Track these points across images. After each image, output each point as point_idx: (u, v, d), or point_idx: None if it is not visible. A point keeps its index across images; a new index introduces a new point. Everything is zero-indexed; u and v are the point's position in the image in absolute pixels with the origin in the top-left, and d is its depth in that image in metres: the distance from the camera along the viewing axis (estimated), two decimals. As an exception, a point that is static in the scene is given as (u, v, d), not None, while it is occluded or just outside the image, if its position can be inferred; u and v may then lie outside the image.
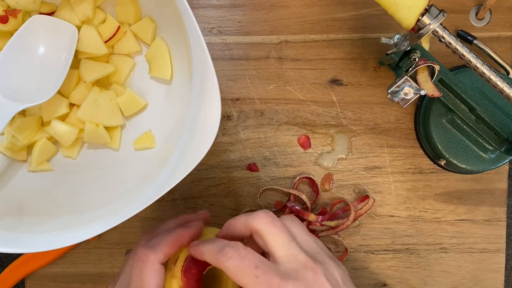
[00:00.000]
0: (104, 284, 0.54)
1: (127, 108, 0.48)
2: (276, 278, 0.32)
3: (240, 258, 0.33)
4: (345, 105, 0.53)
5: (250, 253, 0.34)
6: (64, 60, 0.45)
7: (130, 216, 0.38)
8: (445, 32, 0.40)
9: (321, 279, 0.33)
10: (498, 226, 0.53)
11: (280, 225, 0.36)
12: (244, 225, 0.36)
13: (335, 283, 0.34)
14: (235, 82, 0.53)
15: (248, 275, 0.33)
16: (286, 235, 0.35)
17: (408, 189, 0.53)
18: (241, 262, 0.33)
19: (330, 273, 0.35)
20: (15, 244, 0.39)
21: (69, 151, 0.48)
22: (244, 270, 0.33)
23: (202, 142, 0.37)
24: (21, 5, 0.45)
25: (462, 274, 0.53)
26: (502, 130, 0.47)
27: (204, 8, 0.53)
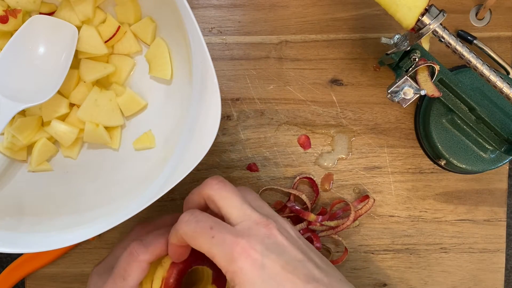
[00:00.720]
0: (104, 284, 0.54)
1: (127, 108, 0.48)
2: (230, 235, 0.33)
3: (196, 221, 0.34)
4: (345, 105, 0.53)
5: (206, 216, 0.35)
6: (64, 60, 0.45)
7: (130, 216, 0.38)
8: (445, 32, 0.40)
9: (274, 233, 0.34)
10: (498, 226, 0.53)
11: (230, 188, 0.36)
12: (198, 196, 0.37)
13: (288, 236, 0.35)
14: (235, 82, 0.53)
15: (204, 236, 0.33)
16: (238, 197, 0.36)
17: (408, 189, 0.53)
18: (197, 225, 0.34)
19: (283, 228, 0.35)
20: (15, 244, 0.39)
21: (69, 151, 0.48)
22: (200, 232, 0.33)
23: (202, 142, 0.37)
24: (21, 5, 0.45)
25: (462, 274, 0.53)
26: (502, 130, 0.47)
27: (204, 8, 0.53)
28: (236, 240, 0.32)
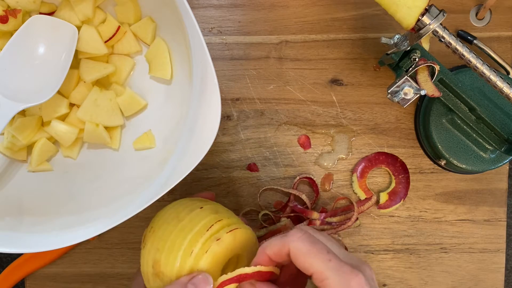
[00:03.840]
0: (104, 284, 0.54)
1: (127, 108, 0.48)
2: (348, 266, 0.34)
3: (312, 242, 0.34)
4: (345, 105, 0.53)
5: (319, 239, 0.35)
6: (64, 60, 0.45)
7: (130, 216, 0.38)
8: (445, 32, 0.40)
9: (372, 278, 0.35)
10: (498, 226, 0.53)
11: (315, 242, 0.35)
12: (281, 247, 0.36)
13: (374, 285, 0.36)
14: (235, 82, 0.53)
15: (320, 257, 0.34)
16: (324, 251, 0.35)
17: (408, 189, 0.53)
18: (313, 245, 0.34)
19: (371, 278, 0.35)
20: (15, 244, 0.39)
21: (69, 151, 0.48)
22: (317, 252, 0.34)
23: (202, 142, 0.37)
24: (21, 5, 0.45)
25: (462, 274, 0.53)
26: (502, 130, 0.47)
27: (204, 8, 0.53)
28: (353, 272, 0.33)
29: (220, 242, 0.37)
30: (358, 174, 0.52)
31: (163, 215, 0.40)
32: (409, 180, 0.53)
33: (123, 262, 0.54)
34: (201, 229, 0.37)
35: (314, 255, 0.34)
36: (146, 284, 0.39)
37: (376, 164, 0.53)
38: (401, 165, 0.52)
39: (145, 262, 0.38)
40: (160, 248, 0.37)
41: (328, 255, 0.34)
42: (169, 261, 0.37)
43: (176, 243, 0.37)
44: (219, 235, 0.37)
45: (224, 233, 0.37)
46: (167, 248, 0.37)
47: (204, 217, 0.38)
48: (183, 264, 0.36)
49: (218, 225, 0.38)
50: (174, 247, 0.37)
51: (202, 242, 0.37)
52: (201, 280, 0.35)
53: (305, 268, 0.34)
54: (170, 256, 0.37)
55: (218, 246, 0.37)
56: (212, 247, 0.36)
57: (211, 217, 0.38)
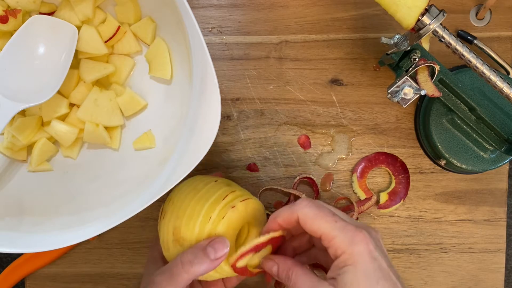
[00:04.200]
0: (104, 284, 0.54)
1: (127, 108, 0.48)
2: (351, 225, 0.37)
3: (317, 206, 0.38)
4: (345, 105, 0.53)
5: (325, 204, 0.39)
6: (64, 60, 0.45)
7: (130, 216, 0.38)
8: (445, 32, 0.40)
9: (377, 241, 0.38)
10: (498, 226, 0.53)
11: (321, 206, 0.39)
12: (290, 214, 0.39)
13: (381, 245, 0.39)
14: (235, 82, 0.53)
15: (327, 219, 0.37)
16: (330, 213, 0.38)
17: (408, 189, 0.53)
18: (319, 209, 0.38)
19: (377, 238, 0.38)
20: (15, 244, 0.39)
21: (69, 151, 0.48)
22: (323, 215, 0.37)
23: (202, 142, 0.37)
24: (21, 5, 0.45)
25: (462, 274, 0.53)
26: (502, 130, 0.47)
27: (204, 8, 0.53)
28: (357, 229, 0.36)
29: (235, 209, 0.40)
30: (358, 174, 0.52)
31: (180, 189, 0.43)
32: (409, 180, 0.53)
33: (123, 262, 0.54)
34: (217, 199, 0.41)
35: (321, 217, 0.37)
36: (166, 252, 0.42)
37: (376, 164, 0.53)
38: (401, 165, 0.52)
39: (165, 231, 0.41)
40: (180, 216, 0.40)
41: (333, 217, 0.37)
42: (189, 227, 0.40)
43: (195, 211, 0.40)
44: (233, 203, 0.40)
45: (238, 202, 0.41)
46: (187, 215, 0.40)
47: (219, 188, 0.42)
48: (202, 229, 0.40)
49: (232, 195, 0.41)
50: (193, 214, 0.40)
51: (219, 209, 0.40)
52: (219, 243, 0.39)
53: (313, 231, 0.37)
54: (189, 223, 0.40)
55: (233, 213, 0.40)
56: (228, 214, 0.40)
57: (225, 189, 0.42)
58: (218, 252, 0.38)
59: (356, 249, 0.36)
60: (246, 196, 0.42)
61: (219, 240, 0.39)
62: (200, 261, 0.38)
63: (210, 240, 0.39)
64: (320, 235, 0.37)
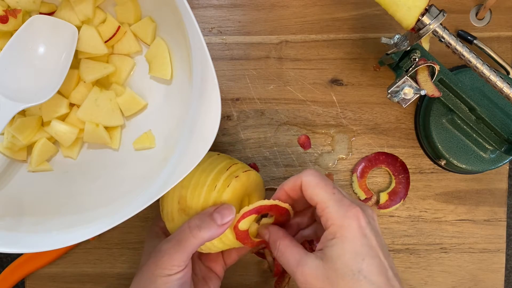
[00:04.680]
0: (104, 284, 0.54)
1: (127, 108, 0.48)
2: (347, 200, 0.38)
3: (321, 177, 0.39)
4: (345, 105, 0.53)
5: (328, 178, 0.40)
6: (64, 60, 0.45)
7: (130, 216, 0.38)
8: (445, 32, 0.40)
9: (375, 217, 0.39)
10: (498, 226, 0.53)
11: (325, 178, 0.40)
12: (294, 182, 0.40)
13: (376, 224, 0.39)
14: (235, 82, 0.53)
15: (326, 189, 0.38)
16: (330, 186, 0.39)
17: (408, 189, 0.53)
18: (322, 179, 0.39)
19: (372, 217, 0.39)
20: (15, 244, 0.39)
21: (69, 151, 0.48)
22: (324, 185, 0.38)
23: (202, 142, 0.37)
24: (21, 5, 0.45)
25: (462, 274, 0.53)
26: (502, 130, 0.47)
27: (204, 8, 0.53)
28: (352, 204, 0.37)
29: (238, 179, 0.42)
30: (358, 174, 0.52)
31: None
32: (409, 180, 0.53)
33: (123, 262, 0.54)
34: (221, 169, 0.42)
35: (321, 187, 0.38)
36: (170, 223, 0.43)
37: (376, 164, 0.53)
38: (401, 165, 0.52)
39: (169, 201, 0.43)
40: (185, 186, 0.42)
41: (333, 189, 0.38)
42: (194, 196, 0.41)
43: (200, 180, 0.41)
44: (236, 173, 0.42)
45: (241, 172, 0.42)
46: (192, 185, 0.41)
47: (222, 160, 0.43)
48: (207, 197, 0.41)
49: (235, 167, 0.43)
50: (198, 183, 0.41)
51: (223, 178, 0.41)
52: (226, 209, 0.40)
53: (311, 198, 0.39)
54: (195, 191, 0.41)
55: (237, 182, 0.42)
56: (232, 182, 0.41)
57: (228, 161, 0.44)
58: (224, 218, 0.39)
59: (347, 222, 0.36)
60: (247, 168, 0.44)
61: (225, 206, 0.40)
62: (208, 226, 0.39)
63: (216, 207, 0.40)
64: (316, 203, 0.38)
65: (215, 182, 0.41)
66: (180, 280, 0.39)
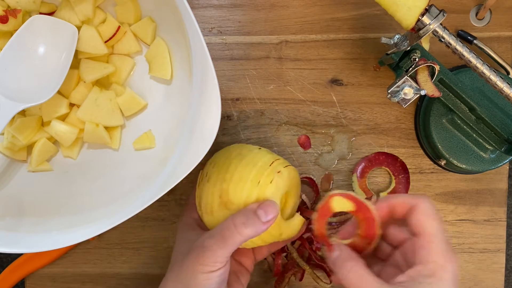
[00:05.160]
0: (104, 284, 0.54)
1: (127, 108, 0.48)
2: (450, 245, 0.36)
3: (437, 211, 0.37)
4: (345, 105, 0.53)
5: None
6: (64, 60, 0.45)
7: (130, 216, 0.38)
8: (445, 32, 0.40)
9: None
10: (498, 226, 0.53)
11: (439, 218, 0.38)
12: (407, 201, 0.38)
13: None
14: (235, 82, 0.53)
15: (441, 225, 0.36)
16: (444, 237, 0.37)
17: (408, 189, 0.53)
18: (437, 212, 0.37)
19: None
20: (15, 244, 0.39)
21: (69, 151, 0.48)
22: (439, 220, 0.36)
23: (202, 142, 0.37)
24: (21, 5, 0.45)
25: (462, 274, 0.53)
26: (502, 130, 0.47)
27: (204, 8, 0.53)
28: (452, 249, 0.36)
29: (281, 174, 0.41)
30: (358, 174, 0.52)
31: (222, 155, 0.44)
32: (409, 180, 0.53)
33: (123, 262, 0.54)
34: (264, 164, 0.42)
35: (436, 220, 0.36)
36: (208, 216, 0.42)
37: (376, 164, 0.52)
38: (401, 165, 0.52)
39: (209, 194, 0.42)
40: (228, 179, 0.41)
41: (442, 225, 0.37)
42: (237, 190, 0.41)
43: (243, 174, 0.41)
44: (278, 168, 0.42)
45: (282, 167, 0.42)
46: (235, 179, 0.41)
47: (264, 155, 0.43)
48: (250, 193, 0.40)
49: (277, 162, 0.42)
50: (241, 177, 0.41)
51: (266, 174, 0.41)
52: (269, 206, 0.39)
53: (420, 226, 0.36)
54: (238, 186, 0.41)
55: (280, 178, 0.41)
56: (275, 178, 0.41)
57: (270, 156, 0.43)
58: (268, 215, 0.39)
59: (450, 266, 0.35)
60: (287, 163, 0.43)
61: (269, 203, 0.39)
62: (253, 223, 0.38)
63: (260, 203, 0.39)
64: (423, 234, 0.36)
65: (258, 177, 0.41)
66: (221, 276, 0.39)
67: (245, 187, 0.41)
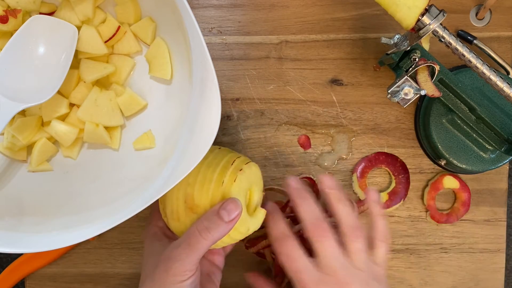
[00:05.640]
0: (104, 284, 0.54)
1: (127, 108, 0.48)
2: None
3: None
4: (345, 105, 0.53)
5: None
6: (64, 60, 0.45)
7: (130, 216, 0.38)
8: (445, 32, 0.40)
9: None
10: (498, 226, 0.53)
11: None
12: None
13: None
14: (235, 82, 0.53)
15: None
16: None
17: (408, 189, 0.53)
18: None
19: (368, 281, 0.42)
20: (15, 244, 0.39)
21: (69, 151, 0.48)
22: None
23: (202, 142, 0.37)
24: (21, 5, 0.45)
25: (462, 274, 0.53)
26: (502, 130, 0.47)
27: (204, 8, 0.53)
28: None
29: (243, 172, 0.41)
30: (358, 174, 0.52)
31: None
32: (409, 180, 0.53)
33: (123, 262, 0.54)
34: (226, 164, 0.42)
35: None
36: (175, 222, 0.42)
37: (376, 164, 0.53)
38: (401, 165, 0.52)
39: (174, 199, 0.41)
40: (191, 183, 0.41)
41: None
42: (202, 193, 0.40)
43: (206, 176, 0.41)
44: (240, 166, 0.42)
45: (243, 164, 0.42)
46: (199, 182, 0.41)
47: (225, 154, 0.43)
48: (215, 194, 0.40)
49: (239, 160, 0.42)
50: (205, 180, 0.41)
51: (229, 173, 0.41)
52: (231, 203, 0.39)
53: None
54: (202, 188, 0.40)
55: (242, 176, 0.41)
56: (238, 176, 0.41)
57: (231, 154, 0.43)
58: (231, 214, 0.39)
59: None
60: (248, 160, 0.44)
61: (230, 201, 0.39)
62: (216, 226, 0.38)
63: (222, 203, 0.39)
64: None
65: (221, 177, 0.40)
66: (193, 283, 0.39)
67: (209, 189, 0.40)
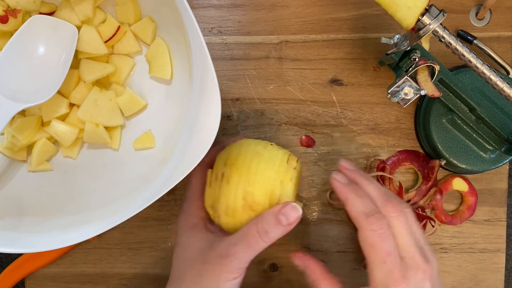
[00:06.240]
0: (104, 284, 0.54)
1: (127, 108, 0.48)
2: (399, 270, 0.38)
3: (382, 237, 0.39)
4: (345, 105, 0.53)
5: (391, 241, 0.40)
6: (64, 60, 0.45)
7: (130, 216, 0.38)
8: (445, 32, 0.40)
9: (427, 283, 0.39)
10: (498, 226, 0.53)
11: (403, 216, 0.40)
12: None
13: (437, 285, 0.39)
14: (235, 82, 0.53)
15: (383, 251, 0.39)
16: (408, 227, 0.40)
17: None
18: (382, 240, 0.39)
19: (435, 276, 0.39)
20: (15, 244, 0.39)
21: (69, 151, 0.48)
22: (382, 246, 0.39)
23: (202, 142, 0.37)
24: (21, 5, 0.45)
25: (462, 274, 0.53)
26: (502, 130, 0.47)
27: (204, 8, 0.53)
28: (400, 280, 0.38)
29: (295, 170, 0.42)
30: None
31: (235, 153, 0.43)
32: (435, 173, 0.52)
33: (123, 262, 0.54)
34: (282, 162, 0.42)
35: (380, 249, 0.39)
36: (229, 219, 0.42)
37: (399, 164, 0.52)
38: (423, 159, 0.52)
39: (231, 196, 0.41)
40: (251, 181, 0.41)
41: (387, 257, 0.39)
42: (261, 192, 0.41)
43: (265, 175, 0.41)
44: (294, 164, 0.42)
45: (295, 162, 0.43)
46: (258, 180, 0.41)
47: (278, 151, 0.43)
48: (274, 192, 0.41)
49: (291, 158, 0.43)
50: (264, 178, 0.41)
51: (286, 171, 0.42)
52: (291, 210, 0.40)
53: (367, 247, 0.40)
54: (261, 187, 0.41)
55: (295, 173, 0.42)
56: (294, 174, 0.42)
57: (283, 151, 0.43)
58: (290, 219, 0.39)
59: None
60: (295, 156, 0.44)
61: (290, 207, 0.40)
62: (276, 229, 0.39)
63: (282, 206, 0.40)
64: None
65: (280, 175, 0.41)
66: (241, 281, 0.40)
67: (269, 188, 0.41)
